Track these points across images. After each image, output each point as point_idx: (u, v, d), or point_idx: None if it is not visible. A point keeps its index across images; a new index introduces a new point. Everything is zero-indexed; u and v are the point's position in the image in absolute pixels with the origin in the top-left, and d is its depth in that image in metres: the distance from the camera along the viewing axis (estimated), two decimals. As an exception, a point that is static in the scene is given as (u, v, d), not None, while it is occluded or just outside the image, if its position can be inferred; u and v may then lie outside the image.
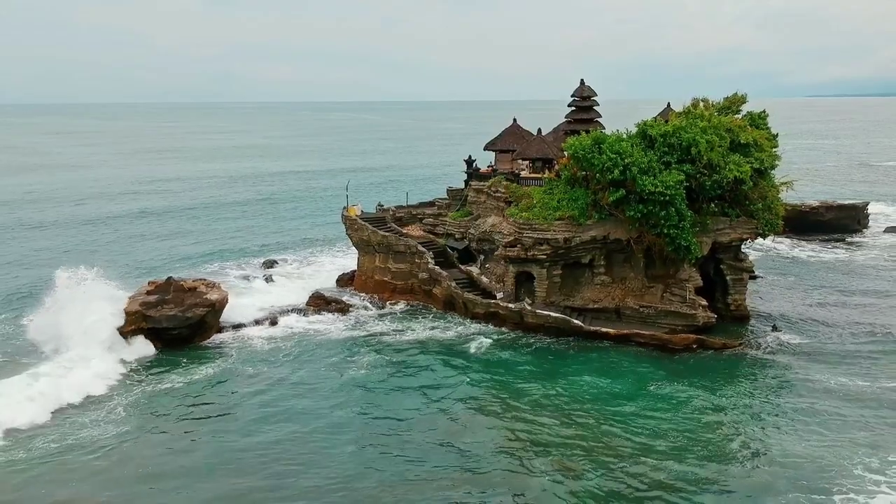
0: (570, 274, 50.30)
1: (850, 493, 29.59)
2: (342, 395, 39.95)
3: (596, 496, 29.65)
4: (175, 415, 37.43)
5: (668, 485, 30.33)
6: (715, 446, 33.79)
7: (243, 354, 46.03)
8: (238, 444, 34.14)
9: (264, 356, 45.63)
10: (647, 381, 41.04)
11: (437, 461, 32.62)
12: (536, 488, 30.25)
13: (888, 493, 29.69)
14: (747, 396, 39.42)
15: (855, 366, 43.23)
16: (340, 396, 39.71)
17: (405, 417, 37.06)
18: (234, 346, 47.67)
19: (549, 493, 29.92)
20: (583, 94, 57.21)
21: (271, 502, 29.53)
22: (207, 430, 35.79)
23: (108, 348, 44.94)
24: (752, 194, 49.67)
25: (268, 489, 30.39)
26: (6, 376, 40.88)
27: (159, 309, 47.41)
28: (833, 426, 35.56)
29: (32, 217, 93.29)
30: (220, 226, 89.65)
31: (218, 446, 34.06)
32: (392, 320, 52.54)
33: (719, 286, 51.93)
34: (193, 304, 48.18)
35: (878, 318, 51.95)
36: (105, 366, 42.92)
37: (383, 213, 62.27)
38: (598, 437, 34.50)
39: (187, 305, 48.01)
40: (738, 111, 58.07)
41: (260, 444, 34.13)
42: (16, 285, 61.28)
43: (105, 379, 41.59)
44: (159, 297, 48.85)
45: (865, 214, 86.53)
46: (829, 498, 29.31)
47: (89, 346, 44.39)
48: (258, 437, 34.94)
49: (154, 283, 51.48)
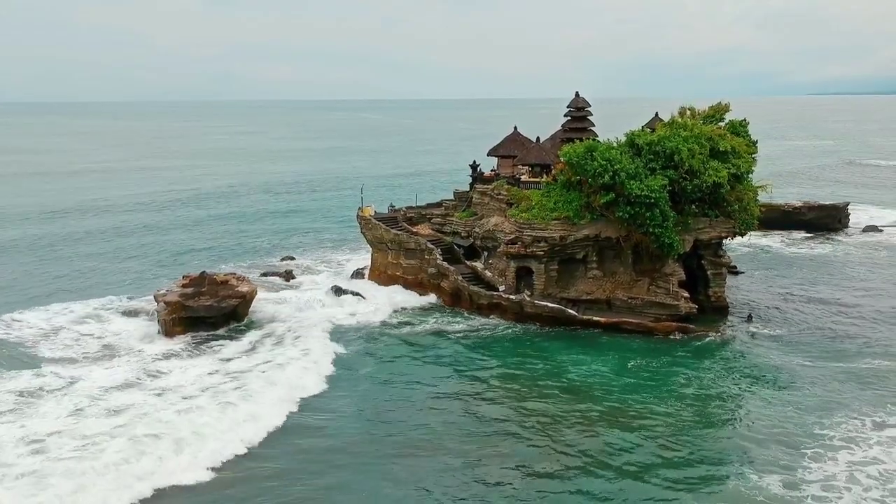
0: (565, 269, 55.45)
1: (816, 448, 34.94)
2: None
3: (595, 453, 35.08)
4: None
5: (650, 447, 35.54)
6: (692, 416, 38.92)
7: (266, 336, 51.29)
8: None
9: (295, 339, 50.70)
10: (633, 363, 46.23)
11: (461, 423, 38.31)
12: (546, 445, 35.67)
13: (842, 445, 35.35)
14: (722, 376, 44.52)
15: (817, 349, 48.53)
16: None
17: (423, 389, 42.51)
18: (265, 330, 52.65)
19: (553, 450, 35.24)
20: (577, 106, 62.46)
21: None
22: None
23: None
24: (729, 197, 54.83)
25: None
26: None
27: (197, 300, 52.59)
28: (795, 399, 40.81)
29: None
30: (238, 226, 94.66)
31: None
32: (404, 312, 57.91)
33: (701, 280, 57.16)
34: (226, 296, 53.43)
35: (843, 308, 57.31)
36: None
37: (395, 213, 67.37)
38: (590, 409, 39.71)
39: (221, 297, 53.24)
40: (722, 119, 63.30)
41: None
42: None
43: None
44: (195, 289, 54.02)
45: (846, 214, 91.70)
46: (798, 451, 34.66)
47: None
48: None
49: (188, 277, 56.68)
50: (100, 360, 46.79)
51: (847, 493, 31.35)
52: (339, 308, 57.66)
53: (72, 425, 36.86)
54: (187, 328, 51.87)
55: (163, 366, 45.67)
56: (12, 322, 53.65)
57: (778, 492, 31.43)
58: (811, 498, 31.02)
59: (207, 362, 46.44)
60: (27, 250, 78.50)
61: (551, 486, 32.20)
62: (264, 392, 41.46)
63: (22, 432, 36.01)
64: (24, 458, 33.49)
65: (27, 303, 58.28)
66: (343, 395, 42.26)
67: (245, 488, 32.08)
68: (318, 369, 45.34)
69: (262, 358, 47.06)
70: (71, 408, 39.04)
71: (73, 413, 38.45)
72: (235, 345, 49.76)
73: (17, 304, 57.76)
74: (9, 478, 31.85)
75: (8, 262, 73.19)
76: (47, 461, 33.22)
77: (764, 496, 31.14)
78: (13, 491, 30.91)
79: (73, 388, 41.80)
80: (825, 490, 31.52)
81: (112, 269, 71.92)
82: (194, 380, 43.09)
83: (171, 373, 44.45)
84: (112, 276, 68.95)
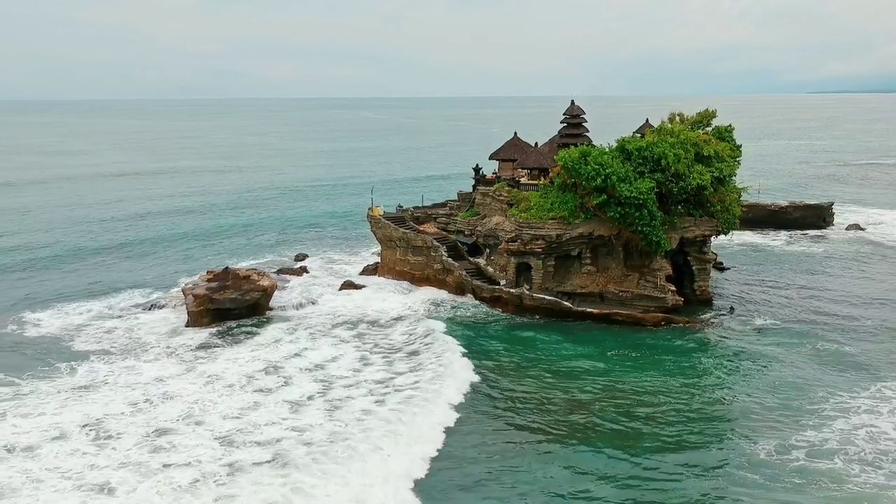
0: (561, 264, 59.92)
1: (797, 426, 39.07)
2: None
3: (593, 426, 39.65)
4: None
5: (637, 423, 40.01)
6: (677, 395, 43.40)
7: (292, 326, 55.93)
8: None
9: (321, 327, 55.55)
10: (623, 351, 50.62)
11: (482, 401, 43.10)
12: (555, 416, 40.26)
13: (822, 421, 39.62)
14: (705, 361, 48.94)
15: (795, 336, 52.99)
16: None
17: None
18: (288, 320, 57.21)
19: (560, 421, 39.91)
20: (573, 113, 67.00)
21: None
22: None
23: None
24: (712, 198, 59.27)
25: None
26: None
27: (222, 293, 57.15)
28: (774, 378, 45.41)
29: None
30: (249, 224, 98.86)
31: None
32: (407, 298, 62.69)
33: (687, 275, 61.65)
34: (249, 289, 58.00)
35: (821, 300, 61.83)
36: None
37: (403, 213, 71.92)
38: (581, 389, 44.30)
39: (244, 290, 57.81)
40: (709, 124, 67.90)
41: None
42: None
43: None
44: (219, 283, 58.59)
45: (830, 213, 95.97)
46: (778, 432, 38.66)
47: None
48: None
49: (212, 273, 61.29)
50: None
51: (828, 461, 35.39)
52: (350, 300, 62.17)
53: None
54: (213, 320, 56.39)
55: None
56: (43, 320, 57.45)
57: (766, 458, 35.72)
58: (798, 461, 35.17)
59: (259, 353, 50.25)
60: (49, 251, 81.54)
61: (543, 457, 36.76)
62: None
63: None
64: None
65: (48, 302, 62.12)
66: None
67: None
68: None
69: (295, 349, 51.00)
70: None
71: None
72: (268, 335, 53.93)
73: (43, 303, 61.80)
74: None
75: (35, 263, 76.48)
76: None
77: (752, 462, 35.36)
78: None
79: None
80: (810, 457, 35.61)
81: (130, 267, 75.44)
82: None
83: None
84: (130, 274, 72.45)
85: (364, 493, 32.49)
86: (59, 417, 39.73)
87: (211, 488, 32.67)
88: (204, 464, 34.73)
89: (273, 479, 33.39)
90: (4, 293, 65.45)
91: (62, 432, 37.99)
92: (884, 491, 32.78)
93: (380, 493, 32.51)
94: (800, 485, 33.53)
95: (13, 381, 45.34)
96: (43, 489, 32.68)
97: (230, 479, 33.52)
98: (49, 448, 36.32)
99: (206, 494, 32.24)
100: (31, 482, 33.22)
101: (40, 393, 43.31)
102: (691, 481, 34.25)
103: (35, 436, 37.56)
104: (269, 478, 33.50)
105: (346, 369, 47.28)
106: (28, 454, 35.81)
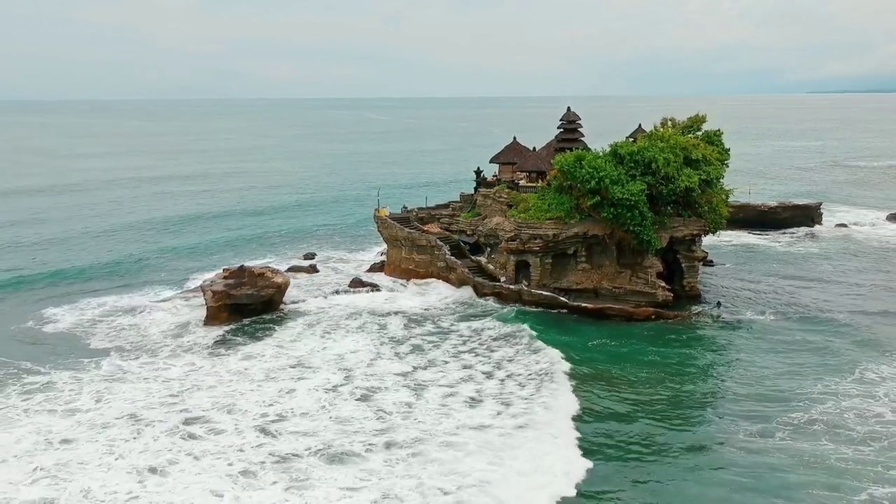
0: (558, 262, 63.42)
1: (785, 409, 42.11)
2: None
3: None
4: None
5: (628, 406, 43.49)
6: (665, 381, 46.83)
7: (309, 320, 59.38)
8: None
9: (332, 322, 58.85)
10: (615, 343, 54.00)
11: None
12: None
13: (809, 404, 42.72)
14: (692, 353, 52.30)
15: (777, 329, 56.40)
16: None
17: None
18: (303, 315, 60.53)
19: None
20: (569, 119, 70.53)
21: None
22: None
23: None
24: (700, 199, 62.83)
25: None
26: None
27: (239, 289, 60.63)
28: (758, 369, 48.65)
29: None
30: (258, 224, 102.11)
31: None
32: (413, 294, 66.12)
33: (676, 271, 65.16)
34: (264, 286, 61.45)
35: (805, 294, 65.32)
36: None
37: (407, 213, 75.40)
38: (577, 371, 47.87)
39: (260, 286, 61.26)
40: (699, 129, 71.43)
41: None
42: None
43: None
44: (236, 280, 62.06)
45: (819, 213, 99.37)
46: (764, 415, 41.95)
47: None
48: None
49: (228, 270, 64.75)
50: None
51: (813, 441, 38.31)
52: (358, 297, 65.67)
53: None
54: (230, 315, 59.78)
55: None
56: (63, 317, 60.22)
57: (751, 437, 38.81)
58: (783, 441, 38.20)
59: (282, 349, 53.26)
60: (66, 251, 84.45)
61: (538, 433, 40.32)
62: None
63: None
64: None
65: (68, 298, 65.06)
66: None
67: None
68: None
69: (320, 344, 54.04)
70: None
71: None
72: (288, 331, 57.14)
73: (63, 301, 64.55)
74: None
75: (53, 263, 79.02)
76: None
77: (738, 441, 38.43)
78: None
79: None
80: (791, 437, 38.66)
81: (142, 266, 78.43)
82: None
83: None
84: (145, 273, 75.62)
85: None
86: (99, 406, 42.79)
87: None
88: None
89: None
90: (24, 291, 68.34)
91: (105, 421, 40.90)
92: (867, 467, 35.66)
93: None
94: (784, 462, 36.39)
95: (42, 371, 48.24)
96: (97, 471, 35.36)
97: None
98: (92, 434, 39.27)
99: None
100: (84, 465, 36.00)
101: (73, 385, 46.05)
102: (679, 459, 37.51)
103: (80, 425, 40.36)
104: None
105: (364, 360, 50.44)
106: (75, 441, 38.60)
